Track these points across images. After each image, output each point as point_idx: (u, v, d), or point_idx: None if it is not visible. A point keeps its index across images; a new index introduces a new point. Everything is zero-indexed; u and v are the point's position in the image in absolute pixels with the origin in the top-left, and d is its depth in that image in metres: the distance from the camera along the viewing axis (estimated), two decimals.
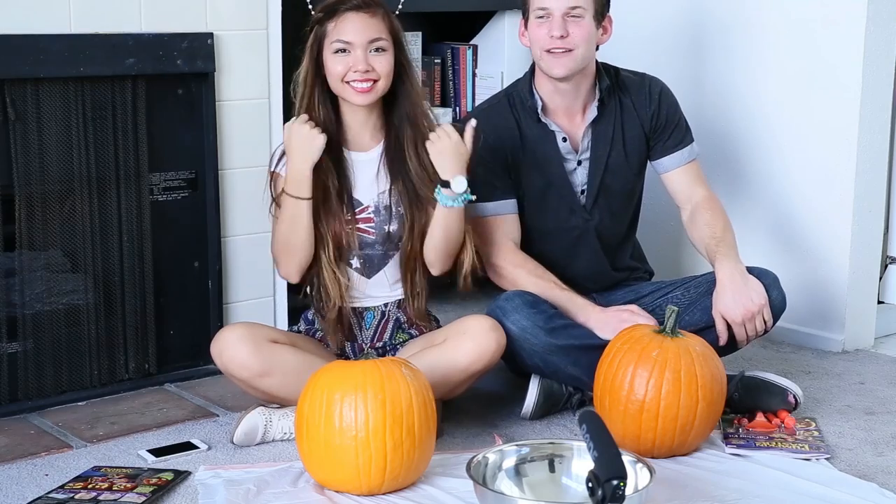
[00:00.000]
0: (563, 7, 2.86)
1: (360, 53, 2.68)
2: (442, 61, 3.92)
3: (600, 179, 3.00)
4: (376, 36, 2.70)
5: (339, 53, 2.70)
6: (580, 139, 2.99)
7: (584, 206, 3.02)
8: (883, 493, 2.44)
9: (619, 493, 1.94)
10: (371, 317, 2.84)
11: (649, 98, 3.03)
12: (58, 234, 2.92)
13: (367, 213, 2.79)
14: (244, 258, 3.23)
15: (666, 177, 3.07)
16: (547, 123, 2.97)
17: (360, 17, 2.70)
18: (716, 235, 2.94)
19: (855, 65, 3.31)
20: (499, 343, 2.70)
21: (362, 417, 2.33)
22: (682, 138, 3.05)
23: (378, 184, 2.79)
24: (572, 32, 2.86)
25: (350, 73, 2.68)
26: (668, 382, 2.52)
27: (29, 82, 2.83)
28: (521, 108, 2.99)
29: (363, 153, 2.80)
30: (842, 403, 3.01)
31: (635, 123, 3.02)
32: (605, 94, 2.98)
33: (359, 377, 2.37)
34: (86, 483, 2.46)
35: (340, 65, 2.69)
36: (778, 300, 2.89)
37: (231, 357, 2.65)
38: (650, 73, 3.10)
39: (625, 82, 3.04)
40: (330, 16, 2.72)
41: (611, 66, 3.05)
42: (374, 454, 2.34)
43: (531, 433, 2.79)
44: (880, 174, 3.44)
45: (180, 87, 3.09)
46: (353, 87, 2.69)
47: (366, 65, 2.68)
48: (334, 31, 2.70)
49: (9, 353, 2.89)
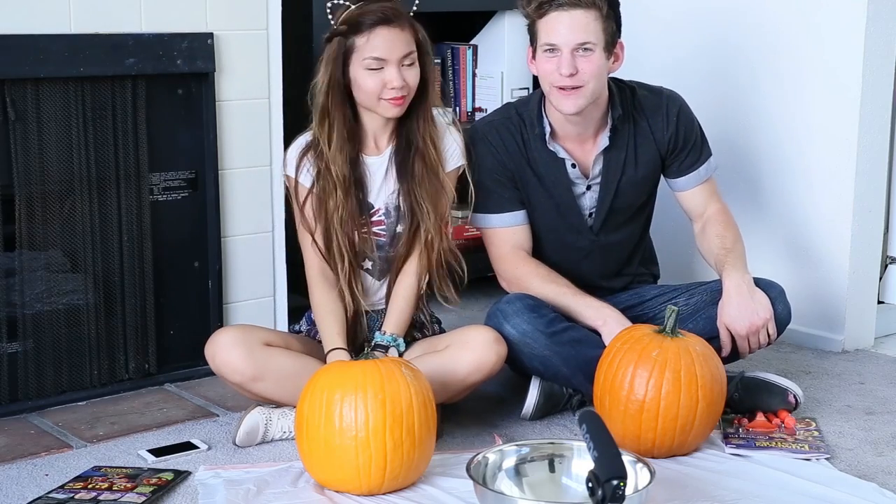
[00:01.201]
0: (571, 43, 2.76)
1: (394, 71, 2.65)
2: (442, 61, 3.92)
3: (610, 203, 2.96)
4: (408, 51, 2.67)
5: (372, 71, 2.65)
6: (591, 166, 2.93)
7: (592, 227, 2.98)
8: (883, 493, 2.44)
9: (619, 493, 1.94)
10: (375, 319, 2.84)
11: (667, 120, 2.95)
12: (58, 234, 2.92)
13: (378, 215, 2.79)
14: (244, 258, 3.23)
15: (680, 195, 3.03)
16: (556, 151, 2.91)
17: (391, 33, 2.65)
18: (725, 246, 2.91)
19: (855, 65, 3.30)
20: (499, 355, 2.70)
21: (362, 417, 2.33)
22: (698, 157, 2.99)
23: (387, 185, 2.79)
24: (582, 69, 2.77)
25: (386, 91, 2.66)
26: (668, 382, 2.52)
27: (29, 82, 2.83)
28: (529, 131, 2.93)
29: (376, 157, 2.79)
30: (842, 403, 3.01)
31: (651, 146, 2.95)
32: (617, 122, 2.91)
33: (359, 377, 2.37)
34: (86, 483, 2.46)
35: (374, 82, 2.65)
36: (783, 314, 2.87)
37: (224, 361, 2.66)
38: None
39: (641, 102, 2.95)
40: (357, 29, 2.66)
41: (626, 86, 2.96)
42: (374, 454, 2.34)
43: (531, 433, 2.79)
44: (880, 174, 3.43)
45: (180, 87, 3.08)
46: (390, 102, 2.67)
47: (401, 81, 2.65)
48: (367, 48, 2.65)
49: (9, 353, 2.89)
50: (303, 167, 2.76)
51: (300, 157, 2.76)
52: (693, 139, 2.99)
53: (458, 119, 3.89)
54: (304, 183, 2.76)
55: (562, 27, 2.76)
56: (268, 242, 3.27)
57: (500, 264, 2.95)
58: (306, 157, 2.76)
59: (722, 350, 2.81)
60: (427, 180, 2.75)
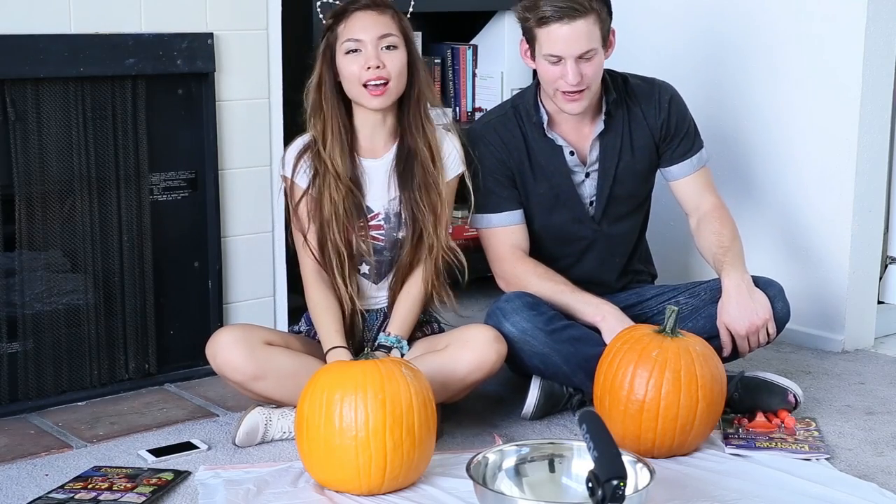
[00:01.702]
0: (576, 53, 2.76)
1: (371, 50, 2.67)
2: (442, 61, 3.92)
3: (609, 190, 2.97)
4: (386, 32, 2.69)
5: (350, 54, 2.68)
6: (588, 152, 2.95)
7: (593, 216, 2.99)
8: (883, 493, 2.44)
9: (619, 493, 1.94)
10: (374, 318, 2.84)
11: (658, 107, 2.97)
12: (58, 234, 2.92)
13: (377, 220, 2.78)
14: (244, 258, 3.23)
15: (674, 184, 3.03)
16: (553, 138, 2.93)
17: (368, 15, 2.70)
18: (723, 244, 2.90)
19: (855, 65, 3.30)
20: (499, 354, 2.70)
21: (362, 417, 2.33)
22: (691, 146, 3.00)
23: (389, 190, 2.78)
24: (586, 73, 2.78)
25: (364, 73, 2.66)
26: (668, 382, 2.52)
27: (29, 82, 2.83)
28: (527, 122, 2.95)
29: (375, 160, 2.79)
30: (842, 403, 3.01)
31: (645, 132, 2.97)
32: (611, 106, 2.93)
33: (359, 377, 2.37)
34: (86, 483, 2.46)
35: (354, 64, 2.68)
36: (783, 312, 2.87)
37: (225, 360, 2.66)
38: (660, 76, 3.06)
39: (634, 90, 2.98)
40: (339, 18, 2.72)
41: (618, 75, 2.99)
42: (374, 454, 2.34)
43: (531, 433, 2.79)
44: (880, 174, 3.43)
45: (180, 87, 3.08)
46: (369, 90, 2.67)
47: (377, 60, 2.66)
48: (345, 32, 2.70)
49: (9, 353, 2.89)
50: (299, 168, 2.76)
51: (297, 158, 2.76)
52: (685, 127, 3.00)
53: (458, 119, 3.92)
54: (299, 184, 2.76)
55: (565, 39, 2.77)
56: (268, 242, 3.27)
57: (499, 264, 2.95)
58: (303, 157, 2.76)
59: (722, 350, 2.81)
60: (427, 188, 2.75)
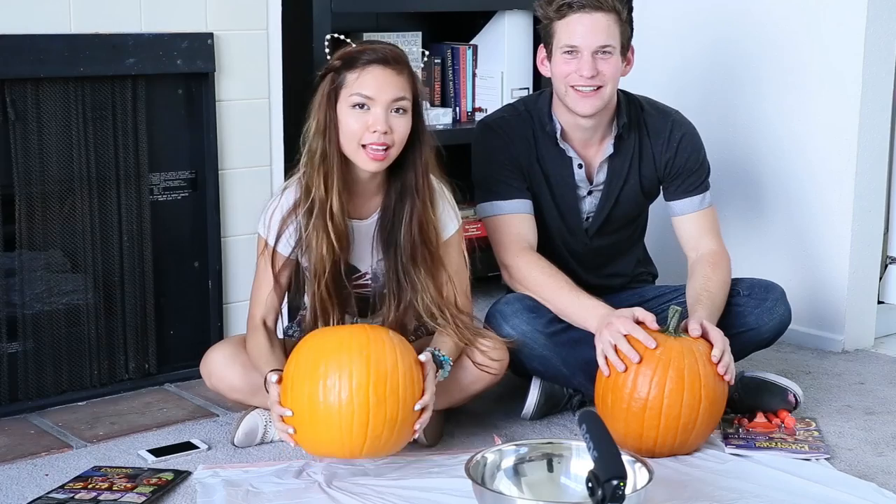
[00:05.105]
0: (593, 45, 2.75)
1: (380, 112, 2.45)
2: (442, 61, 3.92)
3: (609, 211, 2.97)
4: (399, 95, 2.47)
5: (356, 108, 2.47)
6: (595, 171, 2.94)
7: (587, 230, 2.99)
8: (882, 493, 2.44)
9: (619, 492, 1.94)
10: None
11: (667, 144, 2.93)
12: (58, 234, 2.92)
13: (364, 279, 2.69)
14: (244, 258, 3.22)
15: (676, 220, 2.98)
16: (565, 149, 2.91)
17: (386, 74, 2.47)
18: (708, 288, 2.81)
19: (855, 65, 3.31)
20: (501, 365, 2.69)
21: (346, 371, 2.34)
22: (696, 185, 2.95)
23: (375, 252, 2.64)
24: (602, 70, 2.76)
25: (368, 135, 2.46)
26: (672, 381, 2.53)
27: (29, 82, 2.83)
28: (539, 129, 2.92)
29: (362, 221, 2.63)
30: (842, 403, 3.01)
31: (650, 165, 2.94)
32: (622, 130, 2.90)
33: (345, 338, 2.40)
34: (86, 483, 2.46)
35: (357, 122, 2.46)
36: (784, 315, 2.87)
37: (220, 379, 2.68)
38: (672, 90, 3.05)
39: (647, 122, 2.93)
40: (350, 65, 2.48)
41: (636, 100, 2.96)
42: (356, 409, 2.34)
43: (531, 433, 2.79)
44: (880, 174, 3.43)
45: (180, 87, 3.09)
46: (368, 152, 2.47)
47: (385, 125, 2.45)
48: (355, 84, 2.46)
49: (9, 353, 2.89)
50: (283, 235, 2.58)
51: (282, 224, 2.57)
52: (694, 167, 2.95)
53: (458, 119, 3.92)
54: (282, 252, 2.60)
55: (583, 29, 2.76)
56: None
57: (504, 253, 2.89)
58: (290, 219, 2.57)
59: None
60: (415, 258, 2.58)
